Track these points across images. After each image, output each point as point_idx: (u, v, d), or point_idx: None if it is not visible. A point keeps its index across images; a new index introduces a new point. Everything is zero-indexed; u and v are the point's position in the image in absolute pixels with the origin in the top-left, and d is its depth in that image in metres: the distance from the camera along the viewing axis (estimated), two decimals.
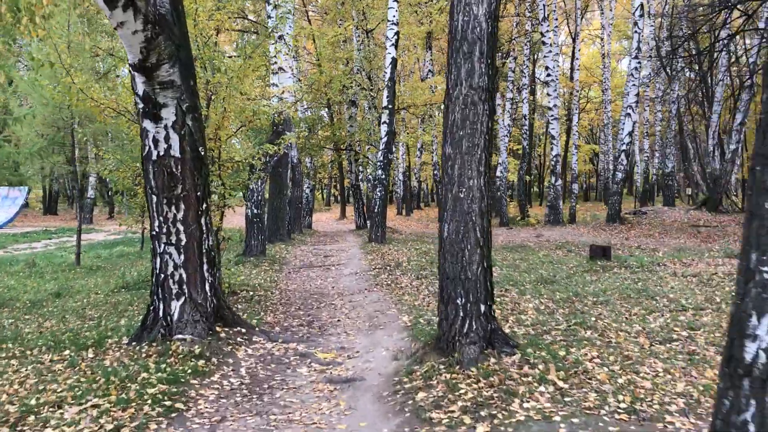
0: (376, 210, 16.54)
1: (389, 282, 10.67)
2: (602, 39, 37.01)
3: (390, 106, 16.59)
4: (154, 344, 6.05)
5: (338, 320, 7.71)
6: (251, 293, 9.84)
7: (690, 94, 28.05)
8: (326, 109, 29.53)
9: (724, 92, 25.70)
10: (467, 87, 4.93)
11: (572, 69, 44.06)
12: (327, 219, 39.98)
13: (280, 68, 14.19)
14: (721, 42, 20.28)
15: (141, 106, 5.94)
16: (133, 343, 6.23)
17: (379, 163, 16.69)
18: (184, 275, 6.15)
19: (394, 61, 16.53)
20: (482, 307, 5.04)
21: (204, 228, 6.26)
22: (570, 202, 27.05)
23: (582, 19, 40.01)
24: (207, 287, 6.32)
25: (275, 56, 14.54)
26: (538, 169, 48.42)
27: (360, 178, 28.67)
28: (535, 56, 36.40)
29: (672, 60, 27.25)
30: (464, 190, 4.96)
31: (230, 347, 6.12)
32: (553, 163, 24.28)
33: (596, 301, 8.00)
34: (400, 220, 33.66)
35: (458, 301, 5.03)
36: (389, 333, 6.58)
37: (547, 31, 23.77)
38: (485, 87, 4.93)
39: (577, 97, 31.41)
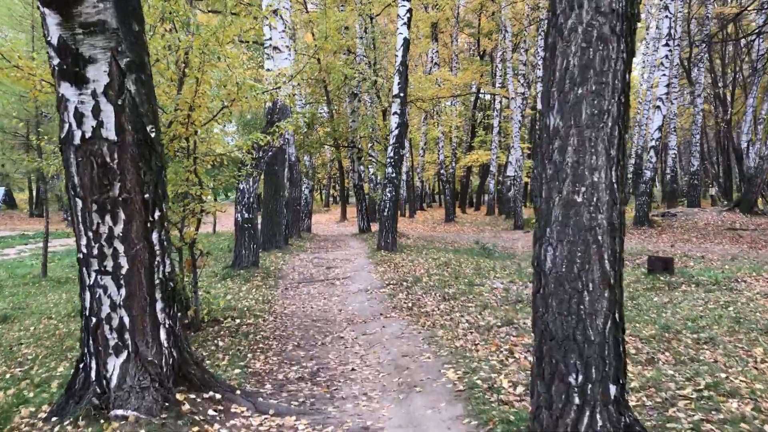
0: (386, 213, 14.42)
1: (410, 304, 8.60)
2: None
3: (402, 95, 14.47)
4: (82, 423, 3.98)
5: (352, 369, 5.62)
6: (238, 321, 7.76)
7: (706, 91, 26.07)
8: (326, 105, 27.47)
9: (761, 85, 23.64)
10: (591, 11, 2.85)
11: None
12: (327, 221, 37.90)
13: (275, 48, 12.11)
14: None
15: (56, 62, 3.86)
16: (53, 419, 4.16)
17: (389, 160, 14.58)
18: (127, 319, 4.08)
19: (406, 43, 14.42)
20: (612, 390, 2.97)
21: (156, 247, 4.18)
22: None
23: None
24: (162, 335, 4.24)
25: (269, 38, 12.49)
26: None
27: (362, 177, 26.57)
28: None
29: (691, 53, 25.31)
30: (584, 189, 2.89)
31: (196, 428, 4.04)
32: None
33: (698, 340, 5.94)
34: (405, 222, 31.61)
35: (571, 379, 2.96)
36: (433, 402, 4.47)
37: None
38: (622, 11, 2.87)
39: None
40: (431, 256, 13.43)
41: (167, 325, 4.30)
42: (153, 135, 4.09)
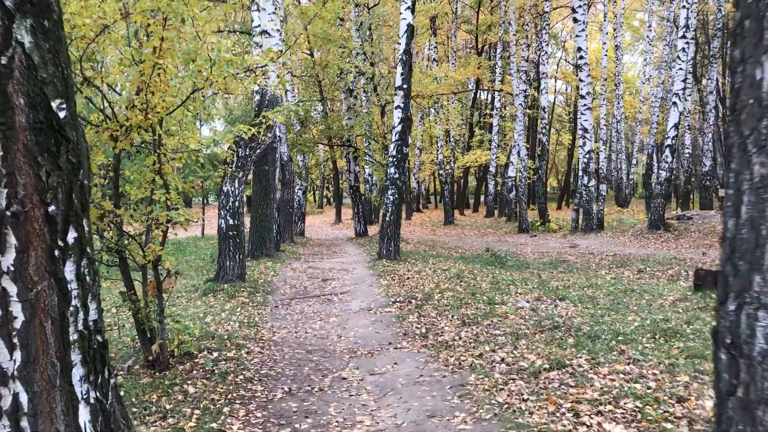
0: (388, 218, 12.99)
1: (424, 330, 7.19)
2: (615, 30, 33.87)
3: (405, 86, 13.05)
4: None
5: None
6: (216, 354, 6.34)
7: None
8: (320, 103, 26.06)
9: None
10: None
11: (578, 64, 40.82)
12: (320, 223, 36.46)
13: (264, 32, 10.69)
14: None
15: None
16: None
17: (391, 159, 13.14)
18: (24, 398, 2.65)
19: (410, 29, 13.01)
20: None
21: (72, 286, 2.76)
22: (598, 205, 23.62)
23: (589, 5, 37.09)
24: (82, 417, 2.81)
25: (258, 24, 11.09)
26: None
27: (358, 178, 25.14)
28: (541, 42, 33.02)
29: (700, 47, 24.06)
30: None
31: None
32: (585, 160, 20.88)
33: None
34: (402, 225, 30.15)
35: None
36: None
37: (580, 6, 20.40)
38: None
39: (604, 86, 28.02)
40: (439, 266, 12.02)
41: (92, 401, 2.87)
42: (63, 114, 2.67)
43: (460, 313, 7.93)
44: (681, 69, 19.48)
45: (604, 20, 25.57)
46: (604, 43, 25.90)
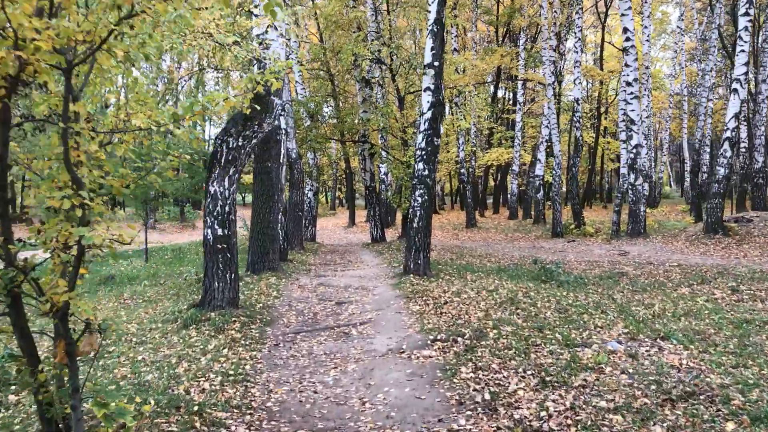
0: (416, 224, 10.60)
1: (488, 396, 4.88)
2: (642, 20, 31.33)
3: (436, 63, 10.68)
4: None
5: None
6: None
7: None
8: (332, 99, 23.85)
9: None
10: None
11: (601, 57, 38.32)
12: (333, 226, 34.24)
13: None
14: None
15: None
16: None
17: (419, 153, 10.75)
18: None
19: None
20: None
21: None
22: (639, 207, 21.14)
23: None
24: None
25: None
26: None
27: (374, 177, 22.85)
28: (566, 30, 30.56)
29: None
30: None
31: None
32: (632, 156, 18.41)
33: None
34: None
35: None
36: None
37: None
38: None
39: (647, 74, 25.51)
40: (481, 285, 9.69)
41: None
42: None
43: (533, 362, 5.62)
44: (743, 51, 17.00)
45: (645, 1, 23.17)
46: (645, 27, 23.42)
